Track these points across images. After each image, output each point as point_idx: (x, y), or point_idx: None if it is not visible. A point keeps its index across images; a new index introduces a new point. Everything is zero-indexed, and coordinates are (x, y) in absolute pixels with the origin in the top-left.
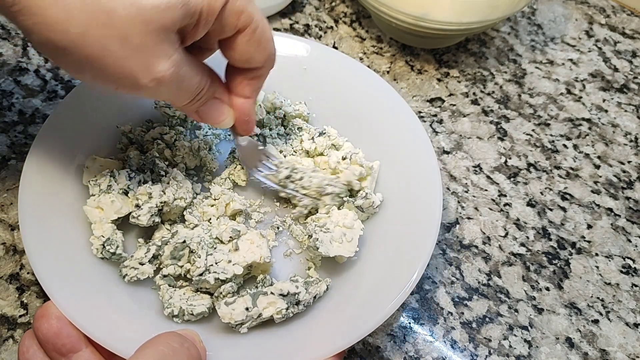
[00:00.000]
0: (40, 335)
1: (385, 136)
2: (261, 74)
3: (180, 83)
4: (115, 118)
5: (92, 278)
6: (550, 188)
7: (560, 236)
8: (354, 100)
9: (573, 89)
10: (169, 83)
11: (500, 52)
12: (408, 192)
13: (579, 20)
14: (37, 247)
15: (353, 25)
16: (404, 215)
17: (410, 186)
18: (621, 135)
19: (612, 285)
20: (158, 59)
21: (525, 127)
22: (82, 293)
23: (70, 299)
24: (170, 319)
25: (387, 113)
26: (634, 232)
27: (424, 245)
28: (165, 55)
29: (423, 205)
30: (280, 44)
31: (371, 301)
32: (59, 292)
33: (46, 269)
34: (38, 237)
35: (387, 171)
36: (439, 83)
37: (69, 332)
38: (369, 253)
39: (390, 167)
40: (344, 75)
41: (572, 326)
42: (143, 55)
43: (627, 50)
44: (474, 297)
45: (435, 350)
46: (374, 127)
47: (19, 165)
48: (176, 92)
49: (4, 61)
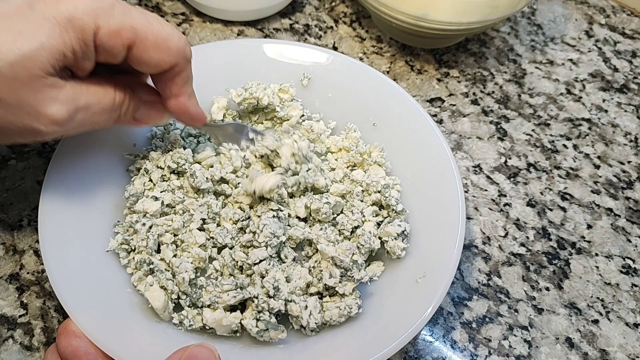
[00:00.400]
0: (60, 351)
1: (410, 160)
2: (179, 70)
3: (87, 111)
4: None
5: (111, 296)
6: (550, 188)
7: (560, 236)
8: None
9: (573, 89)
10: (71, 119)
11: (500, 52)
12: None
13: (579, 20)
14: (57, 267)
15: (353, 25)
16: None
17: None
18: (621, 135)
19: (612, 285)
20: (44, 106)
21: (525, 127)
22: (101, 311)
23: (90, 317)
24: (189, 334)
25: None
26: (634, 232)
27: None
28: (49, 100)
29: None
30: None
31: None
32: (79, 310)
33: (66, 287)
34: (58, 257)
35: (409, 195)
36: (439, 83)
37: (87, 349)
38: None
39: (415, 193)
40: (372, 94)
41: (572, 326)
42: (27, 108)
43: (627, 50)
44: (474, 297)
45: (435, 350)
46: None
47: (19, 165)
48: (91, 118)
49: None
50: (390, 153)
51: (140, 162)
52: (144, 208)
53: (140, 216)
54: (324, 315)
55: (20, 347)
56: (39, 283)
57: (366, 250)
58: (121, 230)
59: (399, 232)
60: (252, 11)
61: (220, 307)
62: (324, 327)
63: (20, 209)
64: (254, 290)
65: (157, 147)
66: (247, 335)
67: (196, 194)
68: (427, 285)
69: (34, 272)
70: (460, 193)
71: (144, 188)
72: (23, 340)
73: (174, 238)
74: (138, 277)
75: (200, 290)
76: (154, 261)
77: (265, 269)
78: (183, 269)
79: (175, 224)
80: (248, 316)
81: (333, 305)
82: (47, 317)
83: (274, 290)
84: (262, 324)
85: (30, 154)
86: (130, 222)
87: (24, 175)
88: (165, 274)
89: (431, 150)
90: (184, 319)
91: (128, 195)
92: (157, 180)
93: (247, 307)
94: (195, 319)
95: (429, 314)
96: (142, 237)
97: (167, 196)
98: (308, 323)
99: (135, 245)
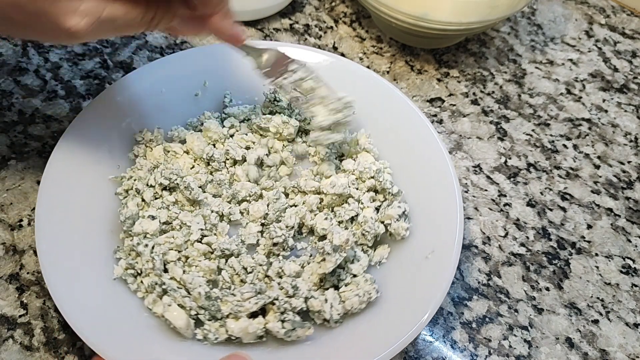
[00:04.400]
0: None
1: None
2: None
3: (111, 24)
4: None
5: (130, 323)
6: (550, 188)
7: (560, 236)
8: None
9: (573, 89)
10: (92, 32)
11: (500, 52)
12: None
13: (579, 20)
14: (70, 306)
15: (353, 25)
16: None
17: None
18: (621, 135)
19: (612, 285)
20: (62, 17)
21: (525, 127)
22: (126, 340)
23: (118, 351)
24: (215, 347)
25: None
26: (634, 232)
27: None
28: (68, 11)
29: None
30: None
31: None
32: (106, 346)
33: (87, 326)
34: (68, 295)
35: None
36: (438, 83)
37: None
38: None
39: (415, 198)
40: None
41: (572, 326)
42: (45, 18)
43: (627, 50)
44: (474, 297)
45: (435, 350)
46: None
47: (18, 165)
48: (116, 31)
49: (4, 61)
50: (377, 134)
51: (127, 183)
52: (143, 229)
53: (140, 238)
54: (345, 305)
55: (20, 347)
56: (39, 283)
57: (372, 236)
58: (123, 256)
59: (400, 213)
60: (252, 11)
61: (243, 315)
62: (346, 316)
63: (20, 209)
64: (273, 292)
65: (142, 166)
66: (272, 339)
67: (192, 206)
68: (438, 260)
69: (34, 272)
70: (450, 165)
71: (138, 209)
72: (23, 340)
73: (178, 255)
74: (152, 300)
75: (217, 302)
76: (165, 281)
77: (280, 267)
78: (196, 284)
79: (177, 240)
80: (271, 319)
81: (352, 293)
82: (47, 317)
83: (293, 289)
84: (289, 324)
85: (30, 154)
86: (131, 246)
87: (24, 176)
88: (179, 291)
89: (417, 131)
90: (207, 333)
91: (124, 218)
92: (150, 199)
93: (268, 311)
94: (219, 332)
95: (446, 286)
96: (147, 259)
97: (162, 213)
98: (331, 315)
99: (140, 268)
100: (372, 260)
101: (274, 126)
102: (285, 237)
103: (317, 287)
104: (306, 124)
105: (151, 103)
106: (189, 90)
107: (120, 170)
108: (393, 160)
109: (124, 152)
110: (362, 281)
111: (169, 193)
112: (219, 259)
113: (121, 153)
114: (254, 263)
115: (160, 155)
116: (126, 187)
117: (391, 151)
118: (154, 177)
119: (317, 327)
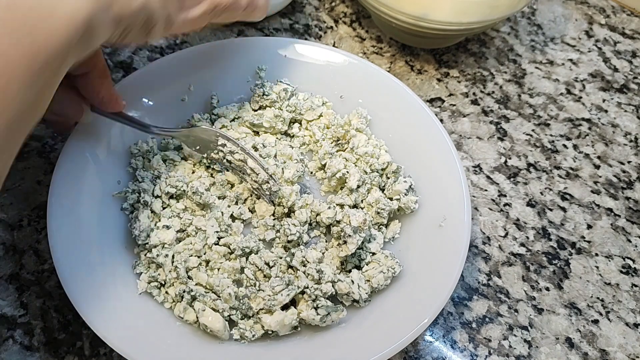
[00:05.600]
0: None
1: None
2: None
3: None
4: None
5: (166, 335)
6: (550, 188)
7: (560, 236)
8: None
9: (573, 89)
10: None
11: (500, 52)
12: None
13: (579, 20)
14: (107, 328)
15: (353, 25)
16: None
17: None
18: (621, 135)
19: (612, 285)
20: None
21: (525, 127)
22: (168, 354)
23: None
24: (253, 344)
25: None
26: (634, 232)
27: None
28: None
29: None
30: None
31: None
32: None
33: (128, 345)
34: (102, 317)
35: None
36: (438, 83)
37: None
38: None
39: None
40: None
41: (572, 326)
42: None
43: (627, 51)
44: (474, 297)
45: (435, 350)
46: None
47: (19, 165)
48: None
49: None
50: (375, 118)
51: (132, 197)
52: (159, 240)
53: (159, 249)
54: (371, 282)
55: (20, 347)
56: (39, 283)
57: (387, 213)
58: (143, 270)
59: (407, 188)
60: None
61: (277, 308)
62: (373, 294)
63: (20, 209)
64: (302, 282)
65: (144, 178)
66: (306, 327)
67: (202, 210)
68: (451, 225)
69: (34, 272)
70: (445, 135)
71: (150, 221)
72: (23, 340)
73: (199, 260)
74: (183, 308)
75: (246, 300)
76: (193, 288)
77: (303, 256)
78: (224, 285)
79: (196, 246)
80: (304, 308)
81: (375, 271)
82: (47, 317)
83: (319, 274)
84: (323, 310)
85: (30, 154)
86: (150, 259)
87: (24, 176)
88: (208, 295)
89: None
90: (244, 332)
91: (138, 232)
92: (160, 210)
93: (298, 301)
94: (254, 328)
95: (465, 250)
96: (169, 269)
97: (175, 222)
98: (360, 295)
99: (164, 279)
100: (385, 237)
101: (267, 121)
102: (299, 233)
103: (340, 271)
104: (297, 114)
105: (138, 116)
106: (175, 96)
107: (122, 185)
108: (394, 138)
109: (121, 166)
110: (383, 258)
111: (176, 201)
112: (239, 258)
113: (118, 168)
114: (275, 257)
115: (160, 164)
116: (131, 202)
117: (391, 133)
118: (159, 187)
119: (347, 309)
